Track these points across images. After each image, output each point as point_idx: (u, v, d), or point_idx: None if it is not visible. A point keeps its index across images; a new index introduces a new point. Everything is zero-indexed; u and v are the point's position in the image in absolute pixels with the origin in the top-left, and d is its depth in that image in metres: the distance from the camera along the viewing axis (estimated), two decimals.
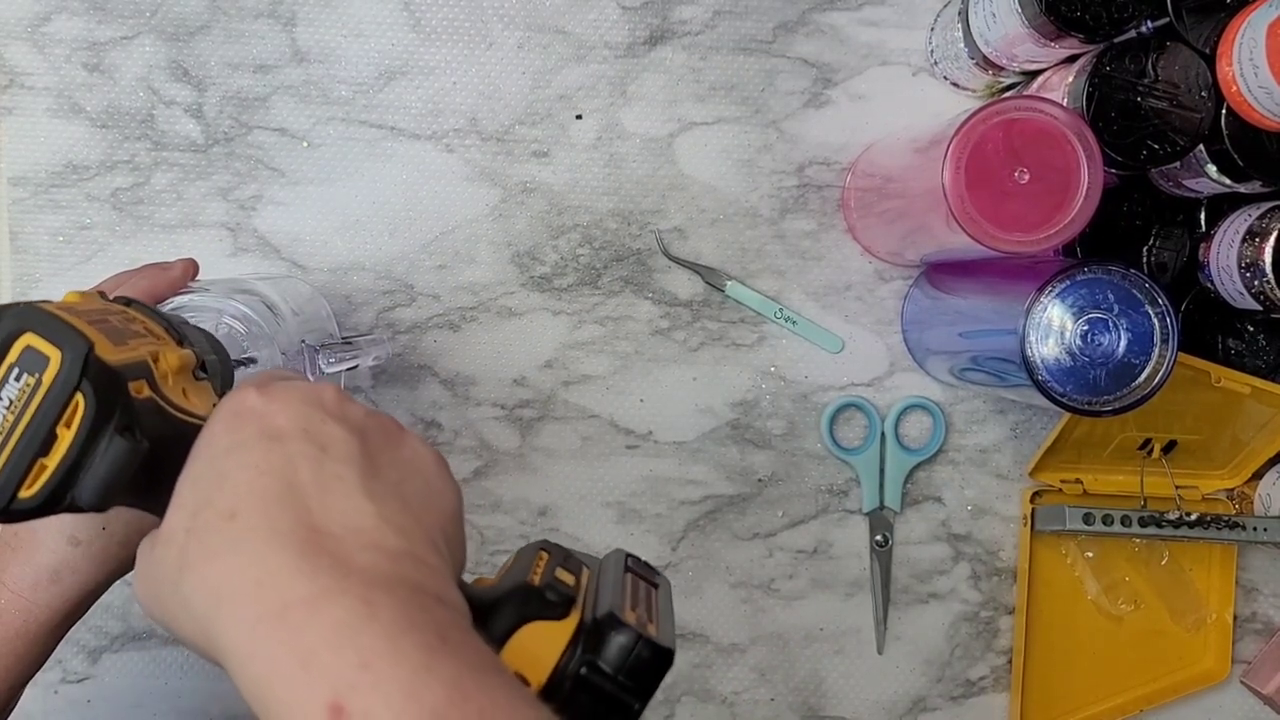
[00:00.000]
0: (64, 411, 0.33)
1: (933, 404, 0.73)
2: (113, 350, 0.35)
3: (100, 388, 0.34)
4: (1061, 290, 0.58)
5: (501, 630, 0.36)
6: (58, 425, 0.33)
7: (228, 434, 0.36)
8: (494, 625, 0.36)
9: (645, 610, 0.37)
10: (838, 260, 0.73)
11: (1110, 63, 0.60)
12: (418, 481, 0.37)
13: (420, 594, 0.32)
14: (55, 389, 0.33)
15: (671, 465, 0.73)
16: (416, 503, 0.36)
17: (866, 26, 0.72)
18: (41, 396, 0.33)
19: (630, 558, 0.40)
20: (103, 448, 0.34)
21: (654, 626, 0.36)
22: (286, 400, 0.36)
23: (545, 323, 0.72)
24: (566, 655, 0.35)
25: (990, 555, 0.75)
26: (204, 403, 0.40)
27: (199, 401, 0.40)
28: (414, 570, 0.33)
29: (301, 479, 0.34)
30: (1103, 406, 0.58)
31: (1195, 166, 0.63)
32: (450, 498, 0.39)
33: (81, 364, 0.34)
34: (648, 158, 0.72)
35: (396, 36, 0.71)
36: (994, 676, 0.75)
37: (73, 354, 0.34)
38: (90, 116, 0.71)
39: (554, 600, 0.36)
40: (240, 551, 0.32)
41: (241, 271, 0.71)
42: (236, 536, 0.32)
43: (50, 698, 0.73)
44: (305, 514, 0.33)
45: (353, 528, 0.33)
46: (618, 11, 0.72)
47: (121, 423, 0.34)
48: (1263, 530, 0.70)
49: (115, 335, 0.37)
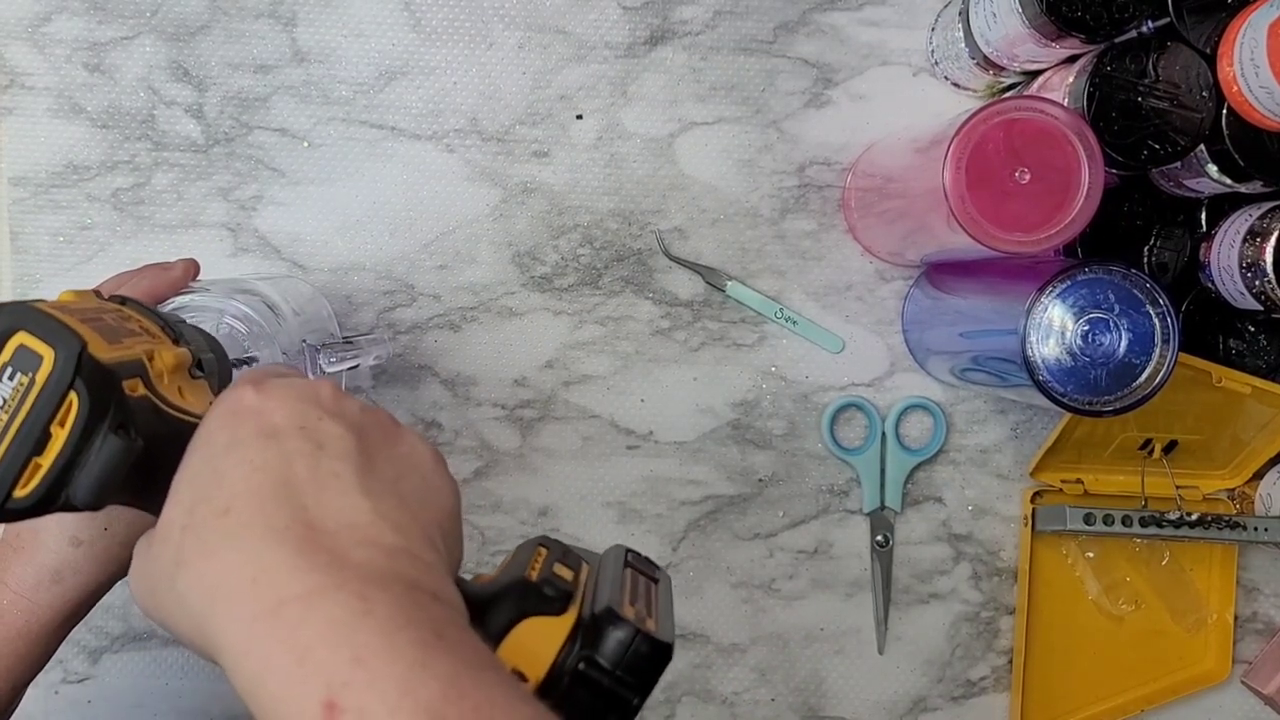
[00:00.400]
0: (58, 410, 0.33)
1: (933, 404, 0.73)
2: (106, 348, 0.35)
3: (94, 386, 0.34)
4: (1062, 290, 0.58)
5: (499, 626, 0.35)
6: (52, 424, 0.33)
7: (224, 431, 0.36)
8: (491, 621, 0.35)
9: (644, 605, 0.37)
10: (838, 260, 0.73)
11: (1111, 63, 0.60)
12: (415, 478, 0.37)
13: (416, 590, 0.32)
14: (49, 388, 0.33)
15: (672, 465, 0.73)
16: (413, 499, 0.36)
17: (867, 26, 0.72)
18: (35, 395, 0.33)
19: (630, 553, 0.40)
20: (97, 446, 0.34)
21: (653, 621, 0.36)
22: (283, 397, 0.36)
23: (546, 323, 0.72)
24: (564, 651, 0.35)
25: (991, 555, 0.75)
26: (200, 401, 0.40)
27: (195, 399, 0.40)
28: (410, 567, 0.33)
29: (298, 476, 0.34)
30: (1103, 407, 0.58)
31: (1196, 166, 0.63)
32: (447, 494, 0.38)
33: (75, 362, 0.33)
34: (648, 158, 0.72)
35: (397, 36, 0.71)
36: (994, 677, 0.75)
37: (66, 352, 0.33)
38: (91, 117, 0.71)
39: (551, 595, 0.36)
40: (236, 548, 0.32)
41: (242, 272, 0.71)
42: (232, 533, 0.32)
43: (51, 698, 0.73)
44: (301, 510, 0.33)
45: (348, 524, 0.33)
46: (618, 11, 0.72)
47: (116, 421, 0.34)
48: (1263, 530, 0.70)
49: (109, 333, 0.37)
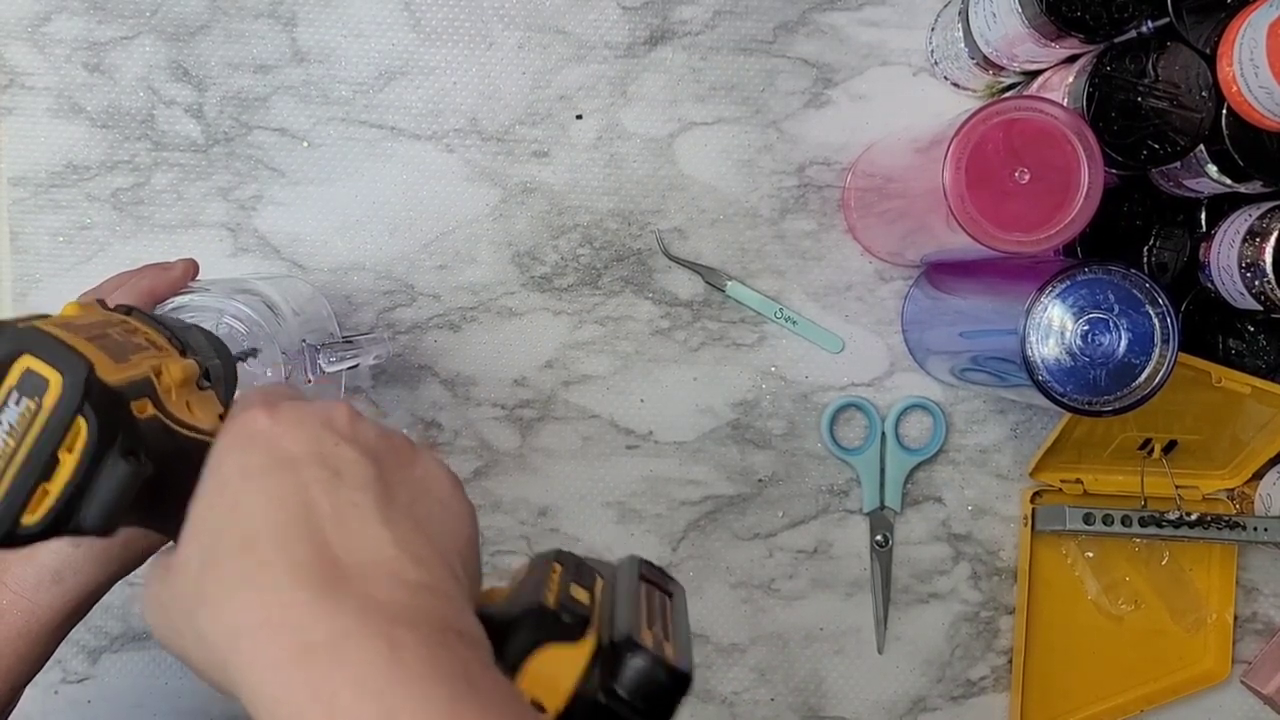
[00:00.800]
0: (65, 436, 0.33)
1: (933, 404, 0.73)
2: (114, 369, 0.35)
3: (102, 410, 0.33)
4: (1062, 290, 0.58)
5: (516, 654, 0.35)
6: (59, 450, 0.33)
7: (238, 458, 0.35)
8: (509, 648, 0.35)
9: (661, 627, 0.36)
10: (838, 260, 0.73)
11: (1111, 63, 0.60)
12: (433, 504, 0.37)
13: (443, 631, 0.31)
14: (56, 413, 0.33)
15: (672, 465, 0.73)
16: (433, 527, 0.36)
17: (867, 26, 0.72)
18: (43, 421, 0.33)
19: (644, 564, 0.40)
20: (106, 471, 0.33)
21: (671, 646, 0.35)
22: (297, 422, 0.36)
23: (545, 323, 0.72)
24: (583, 680, 0.34)
25: (990, 555, 0.75)
26: (209, 415, 0.40)
27: (203, 414, 0.39)
28: (434, 603, 0.32)
29: (317, 507, 0.33)
30: (1103, 407, 0.58)
31: (1196, 166, 0.63)
32: (466, 521, 0.38)
33: (82, 387, 0.33)
34: (648, 158, 0.72)
35: (397, 36, 0.71)
36: (994, 676, 0.75)
37: (72, 377, 0.33)
38: (90, 116, 0.71)
39: (569, 622, 0.35)
40: (258, 587, 0.31)
41: (242, 271, 0.71)
42: (253, 571, 0.32)
43: (50, 698, 0.73)
44: (323, 546, 0.32)
45: (371, 559, 0.33)
46: (618, 11, 0.72)
47: (125, 445, 0.34)
48: (1263, 530, 0.70)
49: (117, 351, 0.36)
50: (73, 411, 0.33)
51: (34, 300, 0.71)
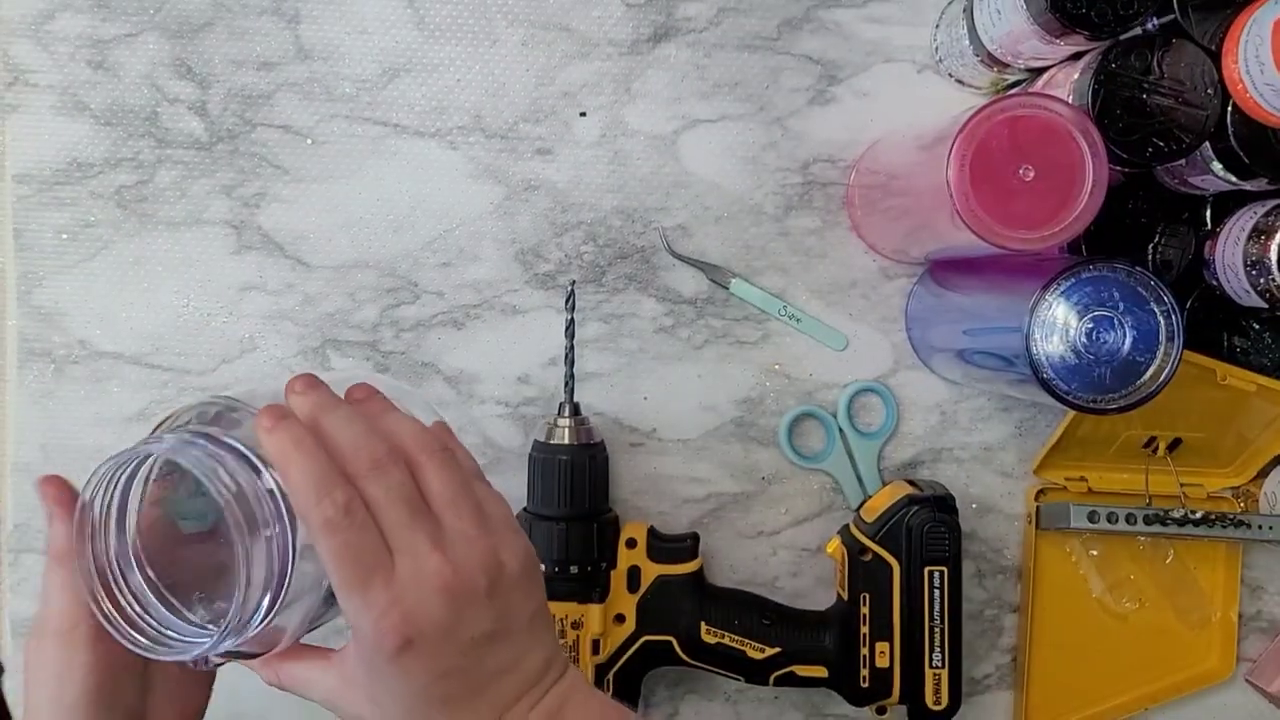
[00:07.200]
0: None
1: (876, 384, 0.73)
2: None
3: None
4: (1066, 288, 0.58)
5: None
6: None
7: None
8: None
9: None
10: (842, 258, 0.73)
11: (1115, 60, 0.59)
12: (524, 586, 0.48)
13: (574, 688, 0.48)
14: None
15: (676, 463, 0.73)
16: (524, 602, 0.47)
17: (871, 23, 0.72)
18: None
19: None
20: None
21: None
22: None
23: (549, 320, 0.72)
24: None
25: (995, 553, 0.74)
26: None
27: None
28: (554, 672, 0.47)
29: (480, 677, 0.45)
30: (1108, 404, 0.58)
31: (1201, 164, 0.63)
32: (540, 591, 0.49)
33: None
34: (652, 155, 0.72)
35: (400, 34, 0.71)
36: (998, 674, 0.75)
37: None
38: (94, 114, 0.71)
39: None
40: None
41: (245, 270, 0.71)
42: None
43: None
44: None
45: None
46: (622, 8, 0.72)
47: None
48: (1268, 528, 0.70)
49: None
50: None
51: (38, 297, 0.71)
